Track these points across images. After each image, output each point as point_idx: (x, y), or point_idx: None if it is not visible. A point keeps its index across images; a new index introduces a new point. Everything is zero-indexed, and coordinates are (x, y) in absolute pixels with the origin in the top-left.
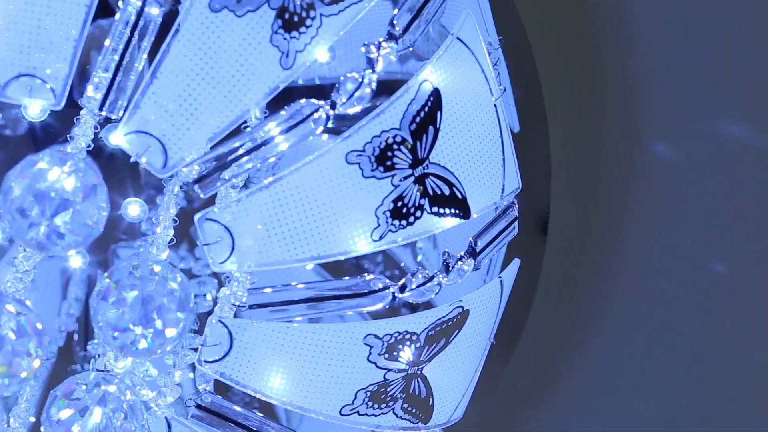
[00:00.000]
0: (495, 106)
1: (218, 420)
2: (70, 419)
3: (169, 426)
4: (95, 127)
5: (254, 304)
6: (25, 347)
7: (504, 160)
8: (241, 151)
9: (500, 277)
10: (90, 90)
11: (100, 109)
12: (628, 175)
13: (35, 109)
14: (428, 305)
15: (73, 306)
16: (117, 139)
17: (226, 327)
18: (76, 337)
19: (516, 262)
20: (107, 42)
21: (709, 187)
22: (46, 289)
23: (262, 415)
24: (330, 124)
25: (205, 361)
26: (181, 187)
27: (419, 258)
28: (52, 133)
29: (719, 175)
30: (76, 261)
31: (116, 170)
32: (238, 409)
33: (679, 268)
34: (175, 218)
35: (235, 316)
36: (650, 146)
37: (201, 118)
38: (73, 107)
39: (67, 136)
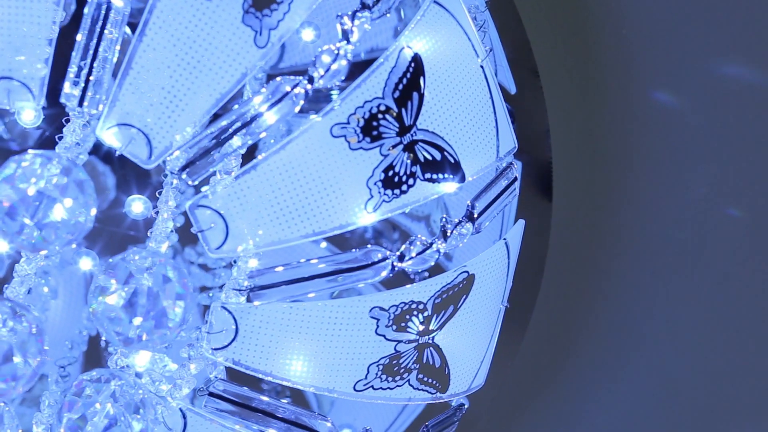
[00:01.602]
0: (482, 67)
1: (232, 406)
2: (82, 416)
3: (184, 417)
4: (84, 125)
5: (256, 287)
6: (24, 350)
7: (496, 120)
8: (229, 131)
9: (504, 239)
10: (67, 87)
11: (80, 105)
12: (632, 127)
13: (29, 115)
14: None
15: None
16: (99, 133)
17: (230, 312)
18: (104, 342)
19: (521, 223)
20: (78, 37)
21: (716, 131)
22: (70, 295)
23: (289, 400)
24: None
25: (213, 349)
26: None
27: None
28: None
29: (725, 118)
30: (86, 263)
31: (125, 168)
32: (251, 394)
33: (696, 216)
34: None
35: (249, 300)
36: (651, 95)
37: (181, 105)
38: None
39: (56, 136)
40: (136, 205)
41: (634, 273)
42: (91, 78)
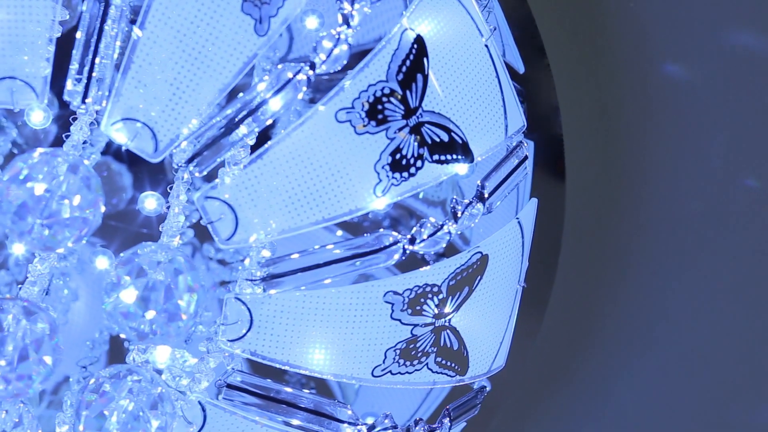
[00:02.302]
0: (486, 46)
1: (251, 398)
2: (100, 413)
3: (203, 410)
4: (91, 124)
5: (271, 275)
6: (38, 349)
7: (504, 99)
8: (235, 120)
9: (517, 218)
10: (69, 84)
11: (83, 101)
12: (644, 101)
13: (38, 116)
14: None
15: None
16: (104, 129)
17: (244, 303)
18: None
19: (533, 202)
20: (78, 35)
21: (730, 102)
22: (91, 296)
23: (313, 391)
24: None
25: (229, 340)
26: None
27: None
28: None
29: (738, 88)
30: (103, 262)
31: (139, 165)
32: (271, 384)
33: (711, 187)
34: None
35: (264, 289)
36: (662, 68)
37: (184, 97)
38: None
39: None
40: (149, 202)
41: (653, 248)
42: (93, 74)
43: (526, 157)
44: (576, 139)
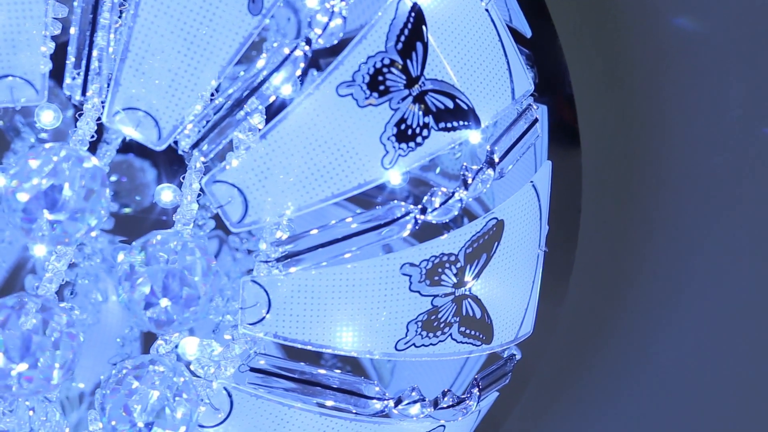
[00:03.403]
0: (487, 10)
1: (276, 380)
2: (124, 405)
3: (230, 396)
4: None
5: (291, 254)
6: (47, 346)
7: (509, 63)
8: (238, 99)
9: (531, 182)
10: (68, 78)
11: (83, 94)
12: (656, 57)
13: (48, 116)
14: None
15: None
16: (106, 120)
17: (260, 285)
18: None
19: (547, 165)
20: (72, 30)
21: (743, 50)
22: None
23: (341, 371)
24: None
25: (249, 324)
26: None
27: None
28: None
29: (751, 36)
30: (122, 258)
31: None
32: (295, 365)
33: (732, 139)
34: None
35: (284, 269)
36: (672, 22)
37: (183, 81)
38: None
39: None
40: (166, 194)
41: (676, 204)
42: (91, 67)
43: (536, 120)
44: (590, 100)
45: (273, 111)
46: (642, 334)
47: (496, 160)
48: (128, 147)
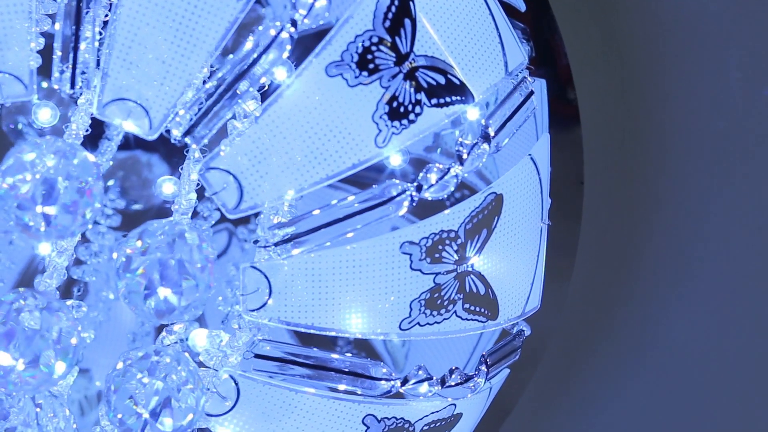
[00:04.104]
0: None
1: (280, 365)
2: (129, 396)
3: (236, 384)
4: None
5: (283, 240)
6: (47, 340)
7: (500, 36)
8: (228, 82)
9: (530, 155)
10: (55, 72)
11: (72, 87)
12: (654, 23)
13: (45, 114)
14: None
15: None
16: (96, 112)
17: (260, 271)
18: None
19: (545, 137)
20: (57, 26)
21: (740, 13)
22: None
23: (354, 355)
24: None
25: (250, 310)
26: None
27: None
28: None
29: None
30: (119, 249)
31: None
32: (301, 350)
33: (733, 102)
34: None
35: (285, 252)
36: None
37: (171, 69)
38: None
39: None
40: (167, 186)
41: (681, 171)
42: (78, 60)
43: (531, 92)
44: (588, 71)
45: (263, 95)
46: (652, 307)
47: (492, 134)
48: (136, 143)
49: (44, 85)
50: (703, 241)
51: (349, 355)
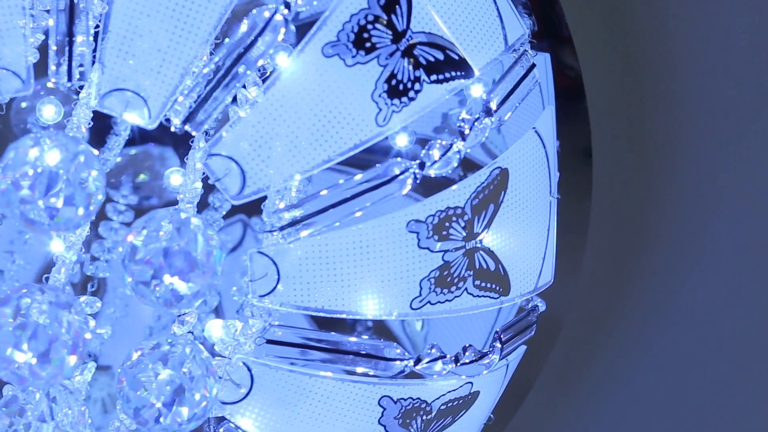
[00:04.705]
0: None
1: (293, 350)
2: (141, 386)
3: (249, 370)
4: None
5: (289, 223)
6: (56, 334)
7: (498, 10)
8: (225, 66)
9: (534, 128)
10: (52, 66)
11: (69, 80)
12: None
13: (50, 111)
14: None
15: None
16: (94, 104)
17: (267, 256)
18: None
19: (549, 110)
20: (51, 22)
21: None
22: None
23: (368, 337)
24: None
25: (260, 296)
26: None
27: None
28: None
29: None
30: (123, 240)
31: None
32: (314, 334)
33: (743, 68)
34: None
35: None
36: None
37: (167, 57)
38: None
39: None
40: (175, 178)
41: (693, 139)
42: (74, 52)
43: (533, 66)
44: (592, 43)
45: (260, 79)
46: (669, 278)
47: (494, 107)
48: (148, 138)
49: (50, 85)
50: (718, 208)
51: (365, 337)
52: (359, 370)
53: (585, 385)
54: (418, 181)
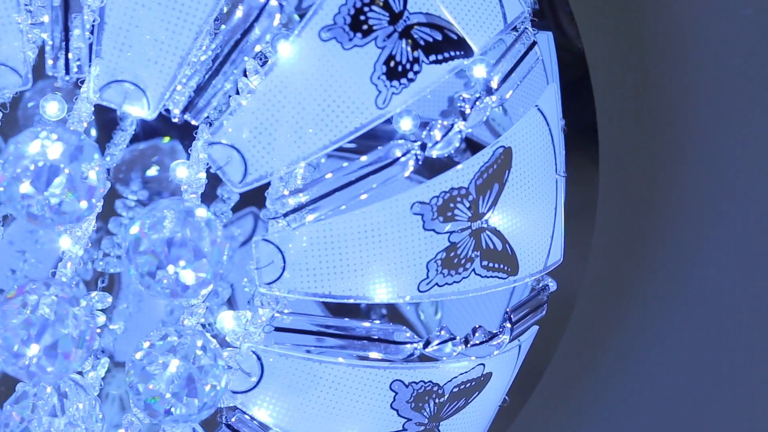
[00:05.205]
0: None
1: (302, 336)
2: (150, 377)
3: (259, 359)
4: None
5: (293, 209)
6: (64, 328)
7: None
8: (224, 53)
9: (537, 106)
10: (49, 59)
11: (67, 73)
12: None
13: (53, 107)
14: None
15: None
16: (93, 96)
17: (272, 243)
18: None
19: (551, 87)
20: (46, 18)
21: None
22: None
23: (382, 321)
24: None
25: (266, 283)
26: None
27: None
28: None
29: None
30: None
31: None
32: (323, 320)
33: (748, 38)
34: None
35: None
36: None
37: (164, 47)
38: None
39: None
40: (181, 170)
41: (700, 110)
42: (71, 45)
43: (534, 43)
44: (594, 18)
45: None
46: (682, 251)
47: (494, 86)
48: (153, 131)
49: (57, 84)
50: (729, 177)
51: (377, 322)
52: (370, 355)
53: (601, 364)
54: (420, 163)
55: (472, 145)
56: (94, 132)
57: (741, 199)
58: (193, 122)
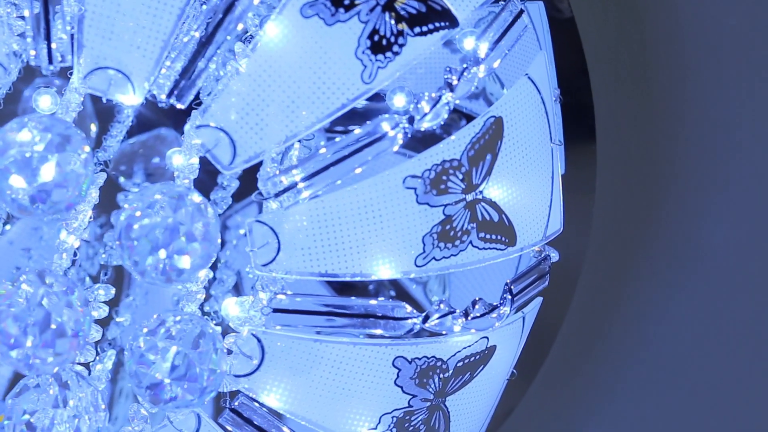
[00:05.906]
0: None
1: (299, 316)
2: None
3: (260, 341)
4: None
5: (285, 188)
6: (60, 318)
7: None
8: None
9: (527, 74)
10: (31, 50)
11: (50, 63)
12: None
13: (46, 101)
14: None
15: None
16: (78, 85)
17: (266, 224)
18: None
19: (541, 55)
20: (26, 13)
21: None
22: None
23: (389, 297)
24: None
25: (262, 265)
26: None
27: None
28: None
29: None
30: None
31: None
32: (321, 298)
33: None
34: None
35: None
36: None
37: (145, 32)
38: None
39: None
40: (177, 158)
41: (695, 72)
42: (53, 35)
43: (521, 12)
44: None
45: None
46: (685, 217)
47: (481, 56)
48: (153, 123)
49: (57, 82)
50: (731, 132)
51: (382, 299)
52: (370, 332)
53: (610, 335)
54: (408, 136)
55: (470, 120)
56: (94, 127)
57: (746, 156)
58: (179, 106)
